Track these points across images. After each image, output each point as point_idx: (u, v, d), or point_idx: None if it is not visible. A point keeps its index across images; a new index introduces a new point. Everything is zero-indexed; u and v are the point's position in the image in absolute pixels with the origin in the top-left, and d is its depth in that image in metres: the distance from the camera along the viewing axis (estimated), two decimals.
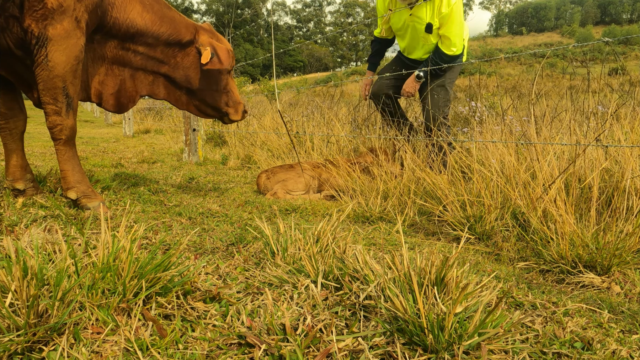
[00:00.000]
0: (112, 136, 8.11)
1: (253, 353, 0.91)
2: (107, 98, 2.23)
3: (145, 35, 2.18)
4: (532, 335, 1.07)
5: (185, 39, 2.32)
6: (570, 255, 1.67)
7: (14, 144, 2.11)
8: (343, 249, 1.44)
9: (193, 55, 2.38)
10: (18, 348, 0.85)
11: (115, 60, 2.19)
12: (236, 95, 2.65)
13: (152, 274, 1.08)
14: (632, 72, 12.41)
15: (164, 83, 2.44)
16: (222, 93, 2.58)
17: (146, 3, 2.16)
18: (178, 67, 2.37)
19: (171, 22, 2.26)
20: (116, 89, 2.25)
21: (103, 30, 2.06)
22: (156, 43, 2.24)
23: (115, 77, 2.23)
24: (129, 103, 2.33)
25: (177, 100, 2.53)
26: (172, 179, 3.44)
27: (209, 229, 1.91)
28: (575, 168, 2.08)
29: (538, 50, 3.18)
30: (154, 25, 2.18)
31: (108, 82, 2.21)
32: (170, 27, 2.25)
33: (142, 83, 2.35)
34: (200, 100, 2.55)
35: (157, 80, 2.41)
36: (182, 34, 2.31)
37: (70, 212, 1.89)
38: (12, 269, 0.94)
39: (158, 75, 2.39)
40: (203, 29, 2.43)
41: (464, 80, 13.61)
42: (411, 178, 2.70)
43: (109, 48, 2.14)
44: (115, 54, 2.17)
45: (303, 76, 46.80)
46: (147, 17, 2.15)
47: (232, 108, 2.64)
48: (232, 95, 2.63)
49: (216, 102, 2.58)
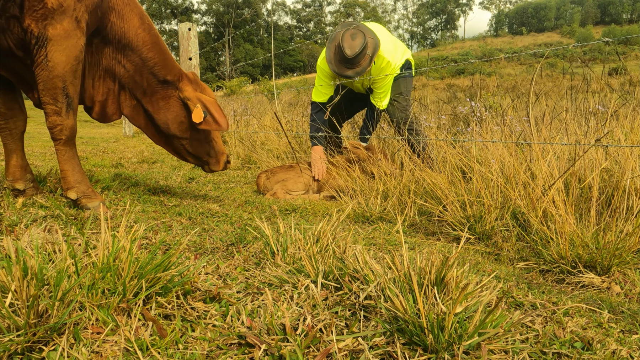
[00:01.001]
0: (112, 136, 8.11)
1: (253, 353, 0.91)
2: (95, 104, 2.20)
3: (135, 52, 2.14)
4: (532, 335, 1.07)
5: (168, 77, 2.26)
6: (570, 255, 1.67)
7: (14, 144, 2.11)
8: (343, 249, 1.44)
9: (175, 100, 2.30)
10: (18, 348, 0.85)
11: (108, 70, 2.17)
12: (219, 145, 2.54)
13: (152, 274, 1.08)
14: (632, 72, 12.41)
15: (144, 115, 2.37)
16: (204, 143, 2.47)
17: (145, 21, 2.14)
18: (158, 106, 2.30)
19: (160, 53, 2.21)
20: (104, 98, 2.21)
21: (101, 33, 2.05)
22: (142, 67, 2.19)
23: (106, 86, 2.19)
24: (113, 115, 2.28)
25: (154, 136, 2.45)
26: (172, 179, 3.44)
27: (209, 229, 1.92)
28: (575, 168, 2.08)
29: (538, 50, 3.18)
30: (144, 46, 2.15)
31: (99, 89, 2.18)
32: (158, 56, 2.20)
33: (125, 102, 2.29)
34: (179, 145, 2.45)
35: (138, 107, 2.34)
36: (167, 71, 2.25)
37: (70, 212, 1.89)
38: (12, 269, 0.94)
39: (139, 104, 2.33)
40: (187, 78, 2.34)
41: (464, 80, 13.59)
42: (411, 178, 2.70)
43: (104, 55, 2.12)
44: (109, 62, 2.14)
45: (303, 76, 46.82)
46: (141, 34, 2.12)
47: (214, 158, 2.53)
48: (215, 144, 2.52)
49: (197, 151, 2.47)
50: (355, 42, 2.98)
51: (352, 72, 3.07)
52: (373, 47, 3.02)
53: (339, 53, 3.04)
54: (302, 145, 4.65)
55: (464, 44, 78.99)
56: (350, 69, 3.06)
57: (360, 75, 3.09)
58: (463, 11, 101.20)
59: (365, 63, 3.03)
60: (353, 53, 2.96)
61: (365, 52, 2.99)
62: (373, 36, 3.04)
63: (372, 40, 3.01)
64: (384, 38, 3.15)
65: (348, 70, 3.07)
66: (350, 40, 2.99)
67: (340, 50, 3.01)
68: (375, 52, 3.03)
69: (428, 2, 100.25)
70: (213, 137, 2.50)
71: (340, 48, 3.00)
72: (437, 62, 46.54)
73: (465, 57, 48.93)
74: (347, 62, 3.03)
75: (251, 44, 71.27)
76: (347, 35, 3.01)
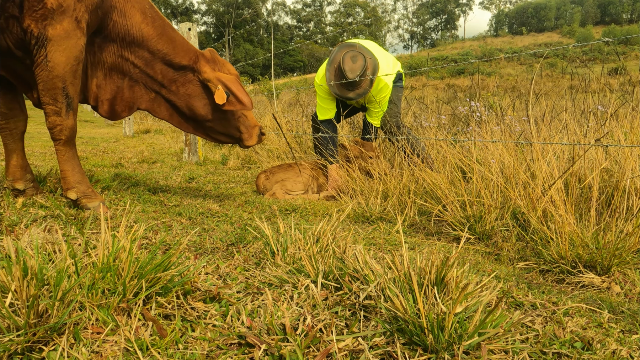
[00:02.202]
0: (112, 136, 8.11)
1: (253, 353, 0.91)
2: (102, 103, 2.19)
3: (142, 48, 2.13)
4: (532, 335, 1.07)
5: (183, 62, 2.23)
6: (570, 255, 1.67)
7: (14, 144, 2.11)
8: (343, 249, 1.44)
9: (195, 84, 2.27)
10: (18, 348, 0.85)
11: (114, 67, 2.15)
12: (250, 118, 2.48)
13: (152, 274, 1.08)
14: (632, 72, 12.41)
15: (166, 105, 2.34)
16: (234, 120, 2.42)
17: (147, 15, 2.12)
18: (179, 94, 2.27)
19: (169, 42, 2.19)
20: (112, 96, 2.20)
21: (103, 32, 2.05)
22: (153, 60, 2.18)
23: (113, 83, 2.18)
24: (122, 112, 2.26)
25: (181, 124, 2.41)
26: (172, 179, 3.44)
27: (209, 229, 1.91)
28: (575, 168, 2.08)
29: (538, 50, 3.19)
30: (150, 40, 2.13)
31: (105, 87, 2.17)
32: (167, 46, 2.18)
33: (141, 97, 2.27)
34: (209, 127, 2.42)
35: (158, 99, 2.31)
36: (181, 56, 2.22)
37: (70, 212, 1.89)
38: (12, 269, 0.94)
39: (159, 95, 2.30)
40: (205, 58, 2.30)
41: (464, 80, 13.60)
42: (411, 178, 2.70)
43: (108, 53, 2.11)
44: (114, 60, 2.13)
45: (303, 76, 46.80)
46: (145, 29, 2.11)
47: (246, 133, 2.47)
48: (245, 119, 2.46)
49: (228, 130, 2.43)
50: (356, 65, 3.02)
51: (354, 94, 3.10)
52: (373, 67, 3.07)
53: (340, 75, 3.07)
54: (302, 146, 4.65)
55: (464, 44, 78.99)
56: (352, 90, 3.10)
57: (362, 97, 3.13)
58: (463, 11, 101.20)
59: (366, 84, 3.08)
60: (354, 75, 3.00)
61: (365, 73, 3.04)
62: (371, 56, 3.10)
63: (371, 60, 3.07)
64: (380, 57, 3.20)
65: (349, 92, 3.11)
66: (351, 63, 3.03)
67: (341, 73, 3.04)
68: (375, 73, 3.09)
69: (428, 2, 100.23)
70: (242, 112, 2.44)
71: (342, 71, 3.03)
72: (437, 62, 46.54)
73: (465, 57, 48.93)
74: (348, 84, 3.07)
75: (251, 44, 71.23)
76: (347, 57, 3.04)
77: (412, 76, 33.28)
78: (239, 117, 2.44)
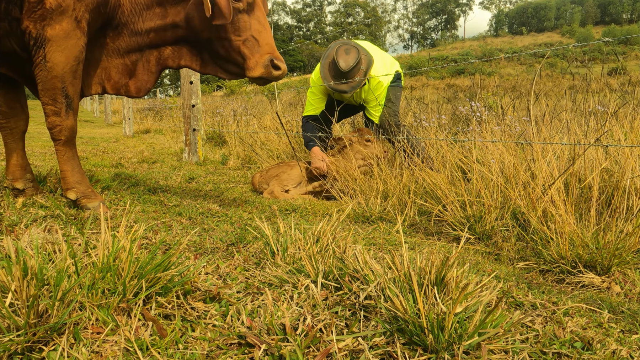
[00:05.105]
0: (112, 136, 8.11)
1: (253, 353, 0.91)
2: (126, 86, 2.14)
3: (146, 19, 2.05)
4: (532, 335, 1.07)
5: None
6: (570, 255, 1.67)
7: (14, 143, 2.11)
8: (343, 249, 1.44)
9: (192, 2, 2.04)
10: (18, 348, 0.85)
11: (129, 49, 2.09)
12: (263, 44, 2.05)
13: (152, 274, 1.08)
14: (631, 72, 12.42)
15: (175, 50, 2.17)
16: (234, 41, 2.06)
17: None
18: (182, 22, 2.07)
19: None
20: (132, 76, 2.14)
21: (112, 24, 2.01)
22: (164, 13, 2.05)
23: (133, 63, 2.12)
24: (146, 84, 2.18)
25: (195, 62, 2.20)
26: (172, 179, 3.44)
27: (209, 229, 1.91)
28: (575, 168, 2.08)
29: (538, 50, 3.19)
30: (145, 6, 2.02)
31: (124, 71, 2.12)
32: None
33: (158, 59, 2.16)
34: (212, 55, 2.15)
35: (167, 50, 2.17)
36: None
37: (70, 212, 1.89)
38: (12, 269, 0.94)
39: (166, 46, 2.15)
40: None
41: (464, 80, 13.60)
42: (411, 178, 2.70)
43: (122, 39, 2.06)
44: (128, 42, 2.07)
45: (303, 76, 46.81)
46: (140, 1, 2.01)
47: (251, 59, 2.03)
48: (255, 44, 2.04)
49: (229, 53, 2.09)
50: (350, 57, 3.07)
51: (347, 86, 3.13)
52: (367, 62, 3.11)
53: (334, 68, 3.11)
54: (302, 145, 4.65)
55: (464, 44, 78.99)
56: (345, 83, 3.13)
57: (355, 90, 3.15)
58: (463, 11, 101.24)
59: (359, 77, 3.11)
60: (347, 67, 3.04)
61: (359, 66, 3.07)
62: (366, 53, 3.13)
63: (365, 56, 3.11)
64: (375, 56, 3.23)
65: (343, 84, 3.13)
66: (345, 55, 3.08)
67: (335, 65, 3.08)
68: (369, 67, 3.12)
69: (428, 2, 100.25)
70: (249, 34, 2.05)
71: (335, 63, 3.08)
72: (437, 62, 46.55)
73: (465, 57, 48.92)
74: (342, 76, 3.09)
75: None
76: (341, 50, 3.09)
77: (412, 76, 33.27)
78: (245, 40, 2.06)
